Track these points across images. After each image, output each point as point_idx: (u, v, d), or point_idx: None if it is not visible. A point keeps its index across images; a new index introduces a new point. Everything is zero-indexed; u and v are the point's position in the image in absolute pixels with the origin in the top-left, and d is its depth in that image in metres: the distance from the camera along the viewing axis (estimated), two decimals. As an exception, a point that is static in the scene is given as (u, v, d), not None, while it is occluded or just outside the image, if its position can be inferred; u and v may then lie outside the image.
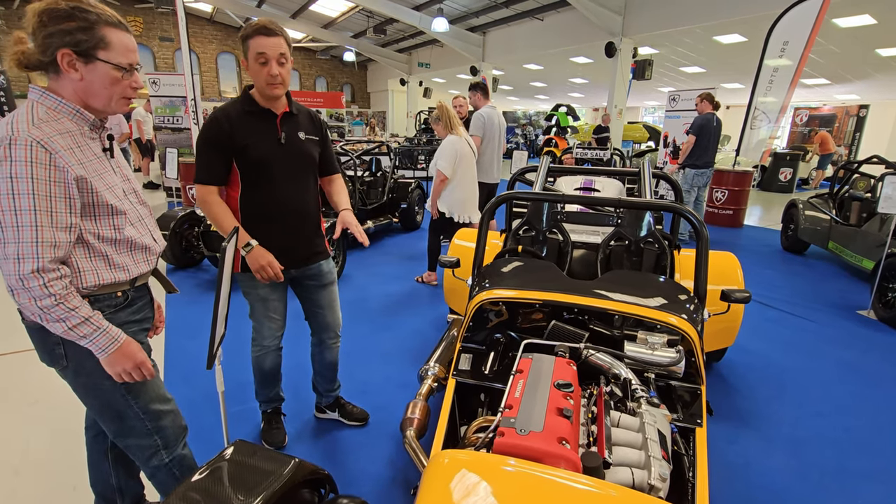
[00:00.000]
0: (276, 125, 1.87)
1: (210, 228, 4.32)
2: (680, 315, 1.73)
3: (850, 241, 5.13)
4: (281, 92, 1.81)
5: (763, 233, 7.42)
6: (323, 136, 2.04)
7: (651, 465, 1.19)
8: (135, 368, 1.30)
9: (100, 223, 1.26)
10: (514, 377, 1.45)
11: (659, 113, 25.97)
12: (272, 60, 1.74)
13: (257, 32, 1.73)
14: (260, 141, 1.83)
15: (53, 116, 1.20)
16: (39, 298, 1.14)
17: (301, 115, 1.97)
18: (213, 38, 20.30)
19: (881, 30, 9.08)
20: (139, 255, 1.37)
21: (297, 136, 1.92)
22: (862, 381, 3.05)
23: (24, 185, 1.10)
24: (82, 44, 1.19)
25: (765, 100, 7.22)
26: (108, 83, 1.24)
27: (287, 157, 1.90)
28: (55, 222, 1.15)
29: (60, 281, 1.17)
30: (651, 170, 3.18)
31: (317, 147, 2.00)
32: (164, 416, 1.46)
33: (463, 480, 1.06)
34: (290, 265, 2.00)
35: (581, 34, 11.25)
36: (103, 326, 1.24)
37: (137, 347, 1.32)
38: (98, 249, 1.27)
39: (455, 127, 4.10)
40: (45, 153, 1.12)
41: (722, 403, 2.71)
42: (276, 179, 1.87)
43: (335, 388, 2.44)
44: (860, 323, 3.98)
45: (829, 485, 2.13)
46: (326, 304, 2.19)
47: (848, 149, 15.54)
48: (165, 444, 1.47)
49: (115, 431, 1.42)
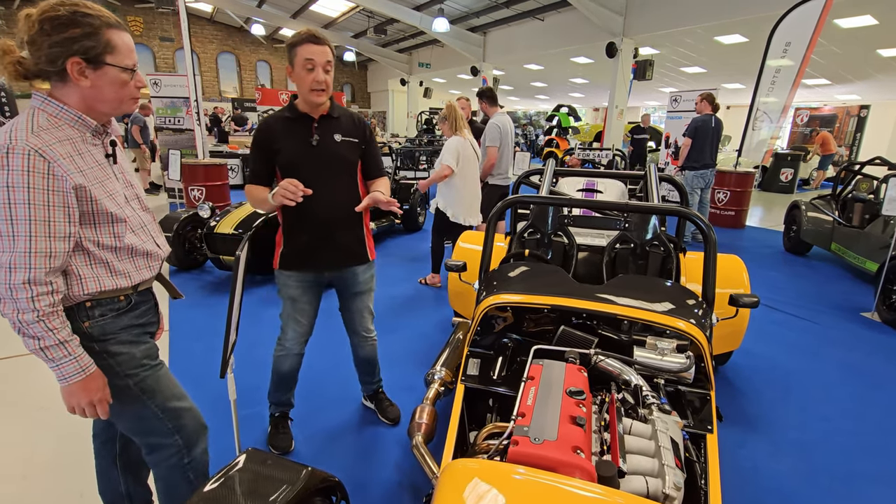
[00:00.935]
0: (310, 128, 1.94)
1: (214, 231, 4.31)
2: (689, 320, 1.72)
3: (853, 242, 5.13)
4: (324, 98, 1.88)
5: (765, 234, 7.42)
6: (366, 139, 2.06)
7: (665, 474, 1.18)
8: (90, 405, 1.26)
9: (100, 231, 1.25)
10: (526, 384, 1.45)
11: (660, 113, 25.93)
12: (318, 67, 1.82)
13: (306, 40, 1.81)
14: (292, 144, 1.92)
15: (54, 123, 1.18)
16: (23, 311, 1.12)
17: (343, 118, 2.02)
18: (213, 37, 20.29)
19: (882, 30, 9.08)
20: (141, 262, 1.36)
21: (331, 138, 1.96)
22: (867, 384, 3.05)
23: (20, 194, 1.09)
24: (90, 51, 1.17)
25: (767, 100, 7.22)
26: (118, 87, 1.24)
27: (317, 159, 1.94)
28: (52, 232, 1.14)
29: (49, 297, 1.15)
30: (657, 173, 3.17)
31: (356, 150, 2.02)
32: (183, 414, 1.45)
33: (478, 490, 1.06)
34: (322, 267, 2.05)
35: (582, 34, 11.24)
36: (75, 353, 1.20)
37: (103, 384, 1.27)
38: (98, 257, 1.25)
39: (460, 129, 4.11)
40: (43, 162, 1.11)
41: (728, 407, 2.70)
42: (306, 180, 1.87)
43: (374, 382, 2.53)
44: (864, 325, 3.98)
45: (838, 489, 2.13)
46: (359, 310, 2.25)
47: (849, 149, 15.55)
48: (187, 444, 1.46)
49: (135, 430, 1.41)
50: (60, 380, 1.21)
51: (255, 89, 18.64)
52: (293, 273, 2.06)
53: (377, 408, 2.56)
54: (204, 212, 4.68)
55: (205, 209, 4.69)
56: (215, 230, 4.32)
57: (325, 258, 2.05)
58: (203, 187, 6.85)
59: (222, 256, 4.36)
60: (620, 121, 10.84)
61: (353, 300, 2.22)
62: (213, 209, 4.75)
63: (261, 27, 17.40)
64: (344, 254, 2.09)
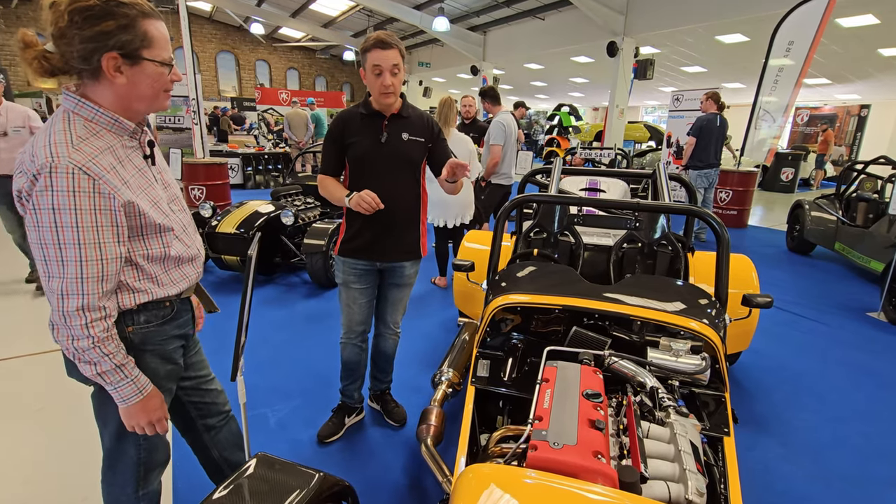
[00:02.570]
0: (381, 126, 2.02)
1: (216, 230, 4.27)
2: (702, 320, 1.69)
3: (857, 242, 5.11)
4: (392, 100, 1.97)
5: (768, 233, 7.40)
6: (433, 138, 2.13)
7: (687, 479, 1.15)
8: (149, 425, 1.24)
9: (148, 243, 1.20)
10: (541, 386, 1.41)
11: (659, 112, 25.94)
12: (386, 72, 1.89)
13: (374, 46, 1.89)
14: (363, 139, 2.01)
15: (92, 130, 1.10)
16: (77, 339, 1.08)
17: (413, 117, 2.09)
18: (212, 37, 20.23)
19: (884, 30, 9.07)
20: (188, 268, 1.32)
21: (399, 136, 2.04)
22: (877, 385, 3.02)
23: (67, 216, 1.03)
24: (127, 45, 1.07)
25: (769, 99, 7.21)
26: (155, 82, 1.15)
27: (385, 156, 2.03)
28: (103, 254, 1.08)
29: (103, 322, 1.11)
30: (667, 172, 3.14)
31: (422, 149, 2.10)
32: (158, 449, 1.38)
33: (497, 497, 1.02)
34: (378, 257, 2.14)
35: (582, 34, 11.22)
36: (132, 375, 1.17)
37: (160, 402, 1.25)
38: (147, 271, 1.21)
39: (446, 125, 3.96)
40: (89, 180, 1.04)
41: (738, 408, 2.67)
42: (372, 175, 2.02)
43: (384, 381, 2.54)
44: (871, 325, 3.96)
45: (852, 492, 2.10)
46: (393, 301, 2.31)
47: (849, 149, 15.55)
48: (145, 475, 1.38)
49: (109, 444, 1.34)
50: (119, 402, 1.18)
51: (255, 88, 18.58)
52: (350, 260, 2.15)
53: (383, 409, 2.54)
54: (205, 211, 4.64)
55: (206, 208, 4.66)
56: (217, 230, 4.28)
57: (382, 250, 2.12)
58: (203, 187, 6.81)
59: (224, 256, 4.32)
60: (621, 120, 10.82)
61: (394, 291, 2.28)
62: (215, 208, 4.71)
63: (260, 26, 17.32)
64: (401, 248, 2.16)
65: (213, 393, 1.58)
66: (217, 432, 1.61)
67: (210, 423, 1.59)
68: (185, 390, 1.50)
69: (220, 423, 1.61)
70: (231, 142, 12.41)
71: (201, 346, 1.56)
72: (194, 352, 1.51)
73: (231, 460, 1.65)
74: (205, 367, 1.56)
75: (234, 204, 4.74)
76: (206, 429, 1.59)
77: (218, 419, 1.61)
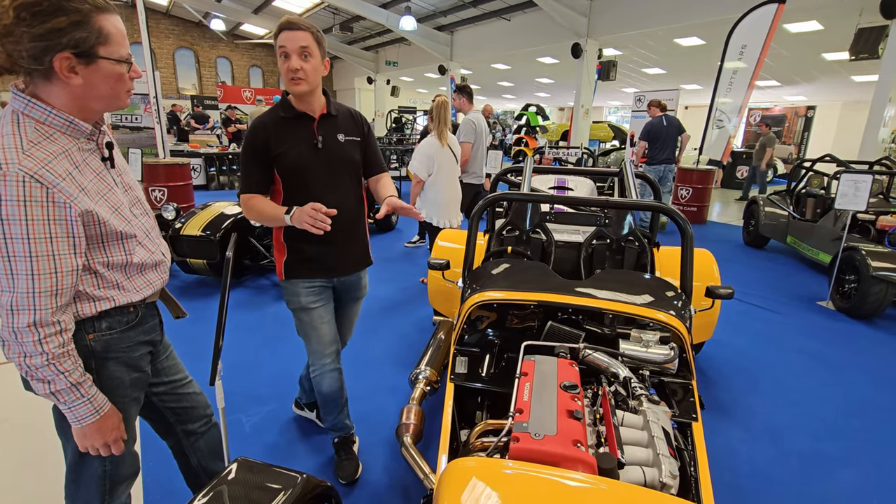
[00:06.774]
0: (312, 129, 1.79)
1: (180, 233, 4.13)
2: (670, 312, 1.77)
3: (806, 235, 5.42)
4: (303, 88, 1.69)
5: (726, 229, 7.74)
6: (365, 135, 1.94)
7: (661, 463, 1.21)
8: (104, 446, 1.19)
9: (109, 251, 1.14)
10: (520, 380, 1.45)
11: (622, 112, 26.66)
12: (293, 54, 1.66)
13: (280, 28, 1.68)
14: (295, 147, 1.76)
15: (45, 133, 1.02)
16: (30, 355, 1.03)
17: (341, 115, 1.88)
18: (169, 32, 19.48)
19: (827, 35, 9.61)
20: (152, 275, 1.27)
21: (335, 139, 1.84)
22: (827, 370, 3.22)
23: (17, 227, 0.96)
24: (82, 43, 1.00)
25: (724, 100, 7.55)
26: (114, 81, 1.08)
27: (324, 162, 1.81)
28: (57, 267, 1.02)
29: (58, 337, 1.05)
30: (633, 170, 3.25)
31: (358, 148, 1.91)
32: (124, 461, 1.32)
33: (481, 489, 1.05)
34: (334, 273, 1.94)
35: (548, 35, 11.42)
36: (89, 395, 1.12)
37: (118, 421, 1.20)
38: (109, 278, 1.15)
39: (442, 132, 3.95)
40: (41, 188, 0.97)
41: (703, 395, 2.80)
42: (312, 185, 1.79)
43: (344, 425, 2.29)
44: (821, 313, 4.21)
45: (808, 470, 2.24)
46: (351, 317, 2.17)
47: (797, 147, 16.40)
48: (111, 490, 1.31)
49: (70, 464, 1.28)
50: (73, 422, 1.12)
51: (217, 86, 18.04)
52: (303, 280, 1.90)
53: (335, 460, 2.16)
54: (168, 213, 4.49)
55: (169, 210, 4.50)
56: (181, 232, 4.14)
57: (335, 264, 1.93)
58: (165, 188, 6.58)
59: (189, 259, 4.19)
60: (587, 120, 11.07)
61: (350, 306, 2.14)
62: (179, 210, 4.56)
63: (221, 22, 16.80)
64: (354, 258, 1.99)
65: (190, 397, 1.53)
66: (197, 439, 1.57)
67: (190, 429, 1.55)
68: (160, 396, 1.45)
69: (200, 428, 1.57)
70: (193, 141, 12.01)
71: (173, 349, 1.52)
72: (165, 356, 1.46)
73: (209, 469, 1.61)
74: (179, 371, 1.51)
75: (199, 206, 4.60)
76: (186, 434, 1.55)
77: (198, 424, 1.56)
